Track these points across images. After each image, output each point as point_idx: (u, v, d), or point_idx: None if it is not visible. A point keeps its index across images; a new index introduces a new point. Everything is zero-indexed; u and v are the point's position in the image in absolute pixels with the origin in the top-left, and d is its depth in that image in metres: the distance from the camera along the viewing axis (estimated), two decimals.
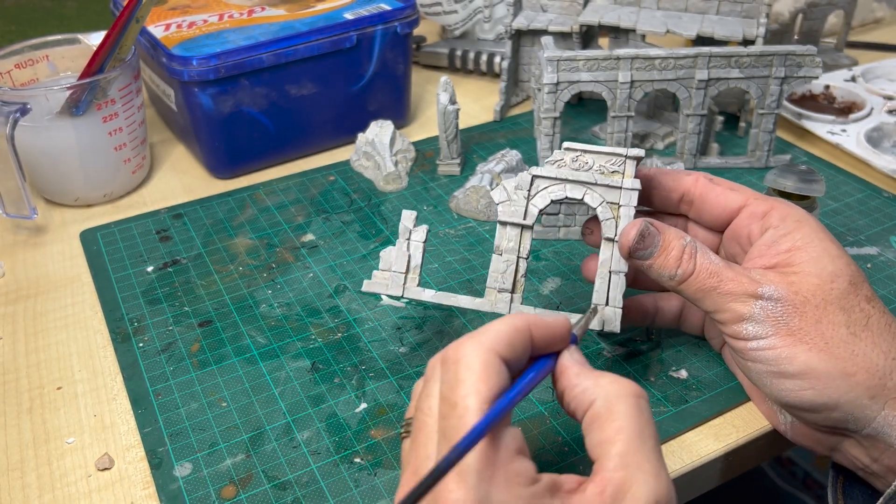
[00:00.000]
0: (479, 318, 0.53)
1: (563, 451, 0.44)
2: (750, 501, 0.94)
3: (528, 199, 0.45)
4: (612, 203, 0.44)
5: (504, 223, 0.45)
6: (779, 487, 0.98)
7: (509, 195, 0.45)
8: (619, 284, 0.44)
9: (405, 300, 0.55)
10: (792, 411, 0.41)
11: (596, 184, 0.44)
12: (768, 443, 0.46)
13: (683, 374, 0.48)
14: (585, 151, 0.45)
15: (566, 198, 0.45)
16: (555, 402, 0.47)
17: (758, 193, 0.45)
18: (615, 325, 0.44)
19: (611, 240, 0.44)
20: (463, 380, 0.31)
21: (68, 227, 0.65)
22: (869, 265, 0.57)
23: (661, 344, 0.51)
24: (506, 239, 0.45)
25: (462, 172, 0.70)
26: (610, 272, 0.44)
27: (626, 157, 0.44)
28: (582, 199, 0.45)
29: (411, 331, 0.52)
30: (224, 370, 0.50)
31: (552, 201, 0.45)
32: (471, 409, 0.30)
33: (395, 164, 0.68)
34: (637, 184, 0.44)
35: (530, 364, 0.35)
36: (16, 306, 0.56)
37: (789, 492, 0.98)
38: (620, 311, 0.44)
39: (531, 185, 0.45)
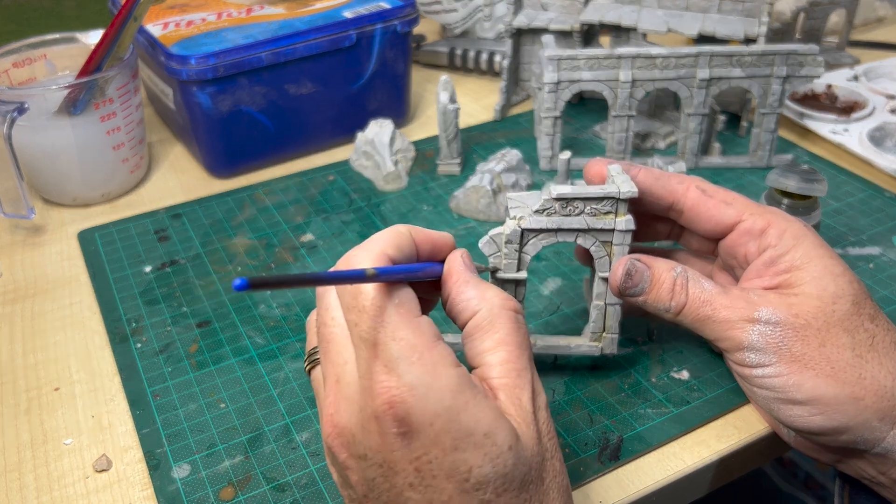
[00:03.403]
0: None
1: (565, 453, 0.43)
2: (751, 502, 0.94)
3: (520, 250, 0.43)
4: (605, 242, 0.43)
5: (499, 280, 0.44)
6: (780, 488, 0.98)
7: (499, 247, 0.43)
8: (614, 314, 0.45)
9: None
10: (801, 434, 0.41)
11: (589, 230, 0.43)
12: (769, 444, 0.46)
13: (685, 374, 0.48)
14: (575, 198, 0.42)
15: (558, 241, 0.44)
16: (555, 402, 0.46)
17: (753, 205, 0.43)
18: (612, 349, 0.46)
19: (605, 278, 0.44)
20: (352, 259, 0.32)
21: (66, 227, 0.65)
22: (871, 265, 0.57)
23: (663, 345, 0.50)
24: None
25: (462, 172, 0.69)
26: (605, 304, 0.45)
27: (618, 199, 0.42)
28: (574, 241, 0.43)
29: None
30: (223, 371, 0.49)
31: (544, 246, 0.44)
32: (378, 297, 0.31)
33: (395, 163, 0.68)
34: (631, 223, 0.42)
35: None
36: (13, 307, 0.56)
37: (790, 492, 0.98)
38: (617, 336, 0.45)
39: (521, 238, 0.43)
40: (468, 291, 0.34)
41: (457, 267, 0.36)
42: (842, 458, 0.41)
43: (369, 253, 0.33)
